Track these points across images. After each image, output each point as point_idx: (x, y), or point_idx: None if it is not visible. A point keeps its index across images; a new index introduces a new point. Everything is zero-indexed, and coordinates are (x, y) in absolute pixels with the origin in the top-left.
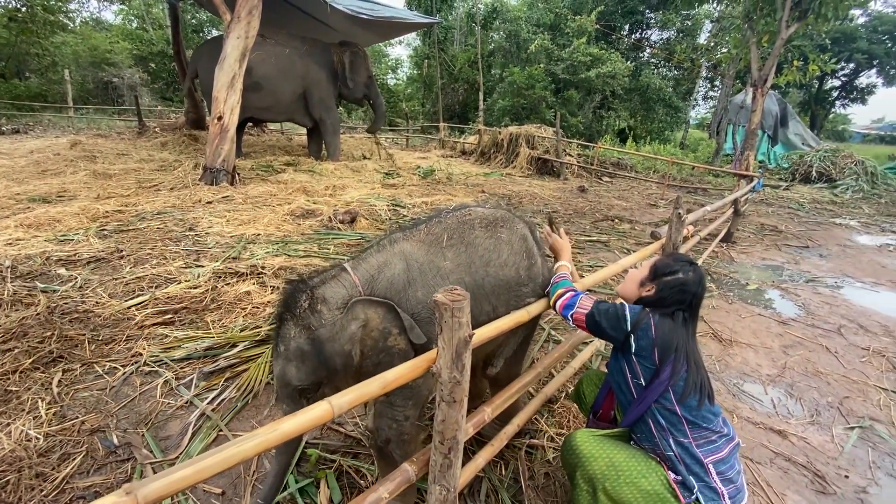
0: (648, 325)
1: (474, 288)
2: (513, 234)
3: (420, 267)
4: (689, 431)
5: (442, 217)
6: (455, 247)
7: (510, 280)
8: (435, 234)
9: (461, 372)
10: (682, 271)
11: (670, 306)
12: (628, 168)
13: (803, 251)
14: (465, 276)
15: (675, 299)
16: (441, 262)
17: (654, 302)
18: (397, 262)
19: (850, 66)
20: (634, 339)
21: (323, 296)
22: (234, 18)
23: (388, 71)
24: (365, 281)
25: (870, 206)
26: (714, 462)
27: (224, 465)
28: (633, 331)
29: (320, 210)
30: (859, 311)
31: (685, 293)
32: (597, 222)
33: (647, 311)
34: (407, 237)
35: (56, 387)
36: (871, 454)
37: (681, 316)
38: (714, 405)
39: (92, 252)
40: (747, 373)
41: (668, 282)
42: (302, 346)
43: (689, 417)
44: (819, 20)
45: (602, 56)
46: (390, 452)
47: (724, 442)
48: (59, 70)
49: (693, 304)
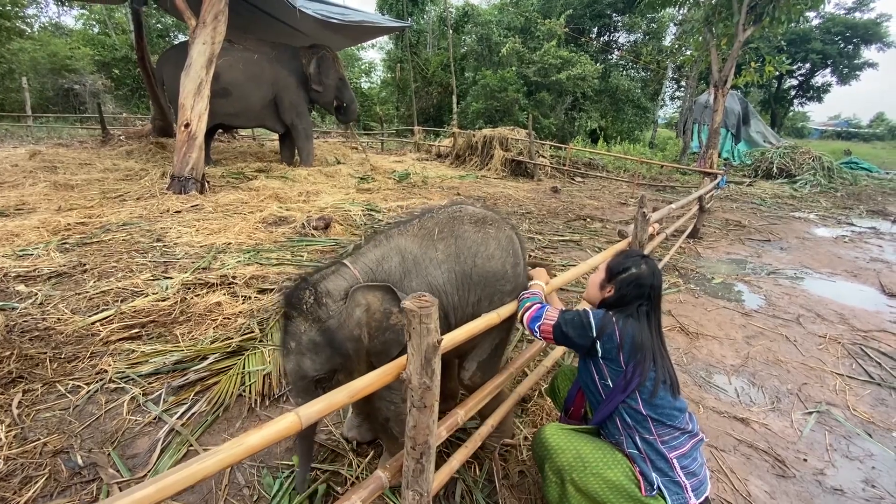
0: (613, 330)
1: (463, 277)
2: (500, 232)
3: (414, 259)
4: (654, 429)
5: (434, 213)
6: (445, 239)
7: (496, 272)
8: (427, 228)
9: (431, 377)
10: (635, 266)
11: (632, 303)
12: (600, 168)
13: (765, 245)
14: (455, 265)
15: (634, 294)
16: (433, 253)
17: (616, 301)
18: (394, 256)
19: (806, 67)
20: (600, 344)
21: (327, 289)
22: (199, 24)
23: (362, 74)
24: (364, 274)
25: (827, 199)
26: (678, 457)
27: (187, 483)
28: (598, 336)
29: (293, 217)
30: (816, 301)
31: (642, 286)
32: (569, 222)
33: (610, 315)
34: (401, 232)
35: (16, 408)
36: (828, 437)
37: (644, 311)
38: (679, 400)
39: (53, 267)
40: (713, 364)
41: (625, 279)
42: (314, 338)
43: (655, 416)
44: (774, 23)
45: (572, 59)
46: (390, 429)
47: (687, 438)
48: (16, 77)
49: (652, 296)
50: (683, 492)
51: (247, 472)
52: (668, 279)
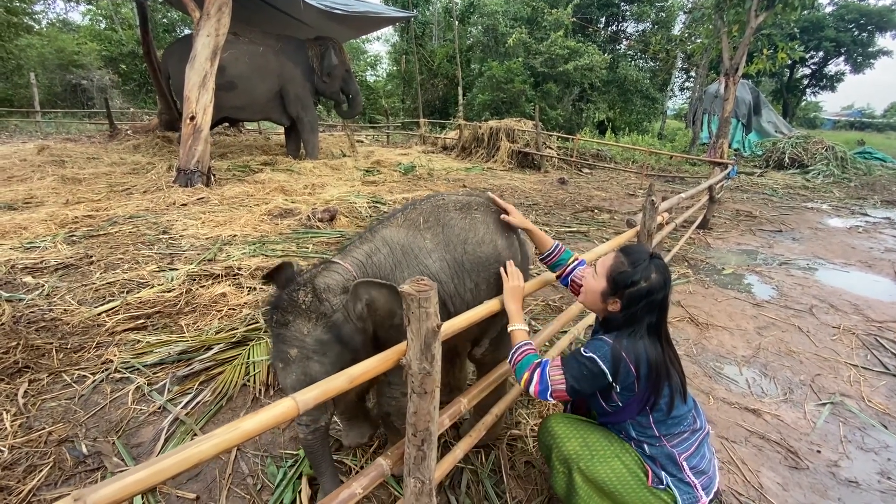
0: (627, 367)
1: (455, 266)
2: (487, 216)
3: (403, 249)
4: (662, 438)
5: (417, 204)
6: (432, 228)
7: (489, 257)
8: (412, 218)
9: (431, 363)
10: (643, 276)
11: (642, 319)
12: (607, 159)
13: (777, 235)
14: (445, 253)
15: (645, 311)
16: (421, 242)
17: (625, 321)
18: (381, 248)
19: (819, 55)
20: (618, 382)
21: (326, 284)
22: (203, 15)
23: (367, 67)
24: (356, 268)
25: (840, 189)
26: (687, 458)
27: (182, 467)
28: (614, 379)
29: (299, 209)
30: (830, 291)
31: (653, 302)
32: (577, 213)
33: (618, 347)
34: (386, 225)
35: (21, 398)
36: (842, 429)
37: (654, 324)
38: (686, 402)
39: (60, 259)
40: (723, 355)
41: (633, 295)
42: (320, 336)
43: (663, 430)
44: (787, 9)
45: (579, 49)
46: (392, 423)
47: (696, 437)
48: (24, 73)
49: (663, 305)
50: (694, 490)
51: (250, 460)
52: (677, 270)
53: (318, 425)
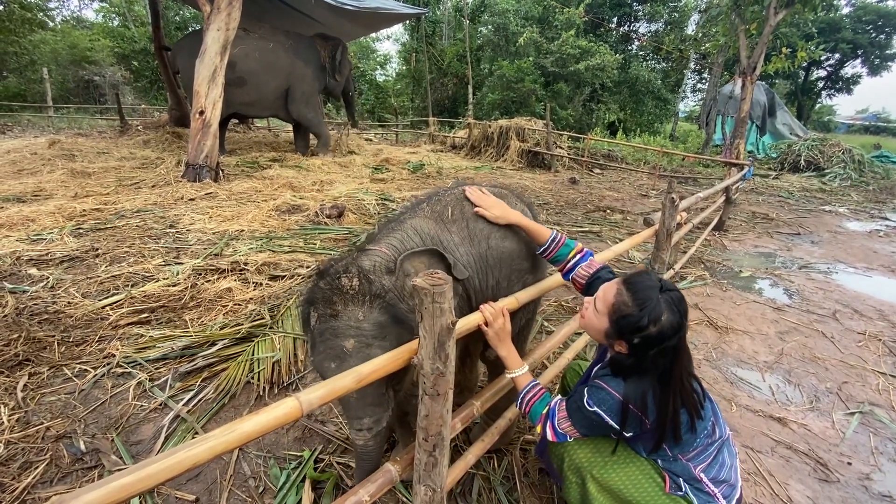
0: (636, 417)
1: (479, 260)
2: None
3: (432, 239)
4: (677, 455)
5: (441, 195)
6: (457, 222)
7: (512, 251)
8: (437, 210)
9: (444, 362)
10: (651, 318)
11: (655, 367)
12: (619, 159)
13: (795, 238)
14: (471, 248)
15: (656, 356)
16: (447, 235)
17: (633, 367)
18: (413, 236)
19: (836, 57)
20: (626, 430)
21: (372, 265)
22: (213, 10)
23: (377, 66)
24: (392, 251)
25: (858, 193)
26: (705, 469)
27: (173, 472)
28: (622, 427)
29: (307, 205)
30: (853, 296)
31: (666, 349)
32: (588, 213)
33: (626, 402)
34: (414, 214)
35: (20, 391)
36: (873, 440)
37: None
38: (704, 415)
39: (66, 251)
40: (744, 360)
41: (640, 344)
42: (377, 319)
43: (677, 451)
44: (807, 7)
45: (591, 48)
46: (409, 423)
47: (713, 447)
48: (37, 69)
49: (678, 348)
50: (714, 500)
51: (253, 462)
52: (693, 272)
53: (380, 427)
